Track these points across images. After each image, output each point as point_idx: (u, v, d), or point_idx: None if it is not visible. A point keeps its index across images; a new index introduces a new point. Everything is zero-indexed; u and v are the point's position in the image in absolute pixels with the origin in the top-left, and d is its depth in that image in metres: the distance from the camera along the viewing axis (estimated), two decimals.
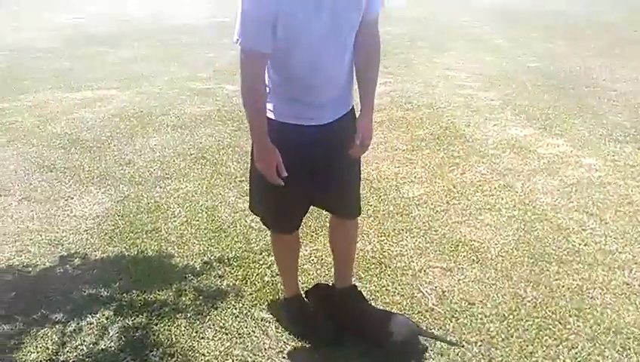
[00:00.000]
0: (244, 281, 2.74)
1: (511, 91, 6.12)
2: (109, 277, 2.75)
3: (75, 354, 2.24)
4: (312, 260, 2.96)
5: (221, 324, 2.41)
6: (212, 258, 2.93)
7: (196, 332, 2.37)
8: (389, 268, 2.87)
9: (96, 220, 3.36)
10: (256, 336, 2.36)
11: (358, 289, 2.55)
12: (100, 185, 3.85)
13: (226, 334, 2.36)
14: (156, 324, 2.40)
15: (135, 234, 3.18)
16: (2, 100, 6.09)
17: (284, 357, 2.25)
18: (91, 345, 2.28)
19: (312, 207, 2.34)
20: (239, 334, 2.37)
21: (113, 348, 2.27)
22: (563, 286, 2.71)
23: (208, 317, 2.46)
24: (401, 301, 2.60)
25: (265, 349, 2.29)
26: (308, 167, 2.06)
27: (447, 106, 5.68)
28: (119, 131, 4.99)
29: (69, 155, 4.43)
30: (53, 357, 2.22)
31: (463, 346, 2.32)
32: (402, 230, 3.25)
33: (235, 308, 2.52)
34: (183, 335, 2.35)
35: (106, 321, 2.43)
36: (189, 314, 2.47)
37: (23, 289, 2.66)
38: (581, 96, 5.88)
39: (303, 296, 2.51)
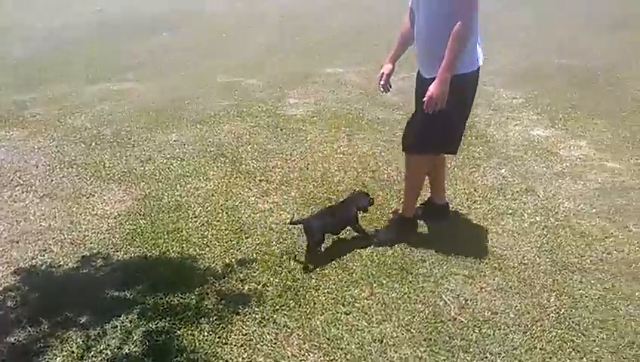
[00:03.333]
0: (265, 285, 2.74)
1: (533, 88, 6.03)
2: (132, 279, 2.78)
3: (99, 358, 2.27)
4: None
5: (244, 331, 2.43)
6: (233, 260, 2.95)
7: (219, 337, 2.39)
8: (411, 274, 2.86)
9: (117, 219, 3.39)
10: (278, 343, 2.37)
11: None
12: (121, 183, 3.88)
13: (249, 340, 2.38)
14: (179, 329, 2.43)
15: (157, 235, 3.20)
16: (23, 92, 6.14)
17: None
18: (115, 350, 2.31)
19: None
20: (262, 340, 2.38)
21: (137, 353, 2.29)
22: (586, 297, 2.69)
23: (231, 322, 2.47)
24: (423, 309, 2.59)
25: (287, 357, 2.30)
26: None
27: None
28: (139, 126, 5.01)
29: (89, 151, 4.46)
30: None
31: (486, 357, 2.31)
32: (424, 235, 3.23)
33: (257, 314, 2.53)
34: (206, 340, 2.37)
35: (129, 325, 2.45)
36: (211, 319, 2.48)
37: (48, 291, 2.70)
38: (604, 96, 5.77)
39: None
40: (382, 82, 3.19)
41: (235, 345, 2.36)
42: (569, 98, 5.66)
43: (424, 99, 2.74)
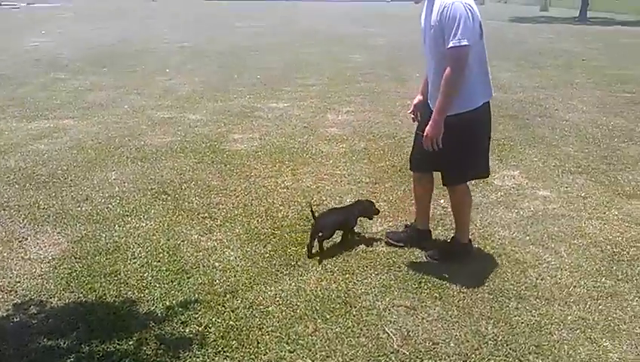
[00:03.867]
0: (207, 327, 2.68)
1: None
2: (67, 326, 2.65)
3: None
4: None
5: None
6: (174, 302, 2.87)
7: None
8: (354, 307, 2.87)
9: (51, 263, 3.25)
10: None
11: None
12: (56, 225, 3.73)
13: None
14: None
15: (93, 278, 3.09)
16: None
17: None
18: None
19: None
20: None
21: None
22: (522, 323, 2.78)
23: None
24: (366, 343, 2.60)
25: None
26: None
27: (408, 137, 5.75)
28: (77, 165, 4.87)
29: (23, 192, 4.29)
30: None
31: None
32: (367, 267, 3.27)
33: (199, 357, 2.46)
34: None
35: None
36: None
37: None
38: (535, 127, 6.11)
39: None
40: (409, 112, 3.52)
41: None
42: (502, 130, 5.94)
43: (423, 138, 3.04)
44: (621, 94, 8.07)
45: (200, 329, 2.66)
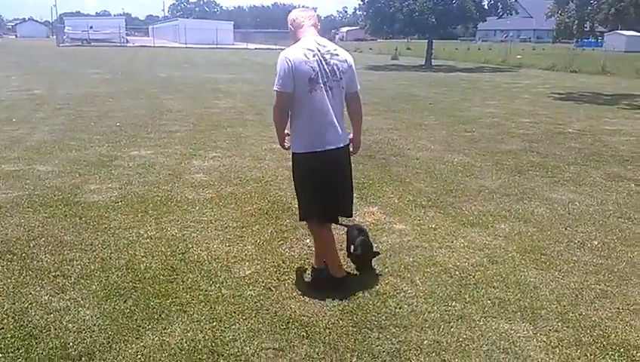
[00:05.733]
0: None
1: None
2: None
3: None
4: None
5: None
6: None
7: None
8: (222, 356, 2.82)
9: None
10: None
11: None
12: None
13: None
14: None
15: None
16: None
17: None
18: None
19: None
20: None
21: None
22: (383, 351, 2.91)
23: None
24: None
25: None
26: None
27: (274, 180, 5.91)
28: None
29: None
30: None
31: None
32: (235, 312, 3.23)
33: None
34: None
35: None
36: None
37: None
38: (391, 166, 6.58)
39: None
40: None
41: None
42: (361, 169, 6.31)
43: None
44: (463, 133, 9.02)
45: None
